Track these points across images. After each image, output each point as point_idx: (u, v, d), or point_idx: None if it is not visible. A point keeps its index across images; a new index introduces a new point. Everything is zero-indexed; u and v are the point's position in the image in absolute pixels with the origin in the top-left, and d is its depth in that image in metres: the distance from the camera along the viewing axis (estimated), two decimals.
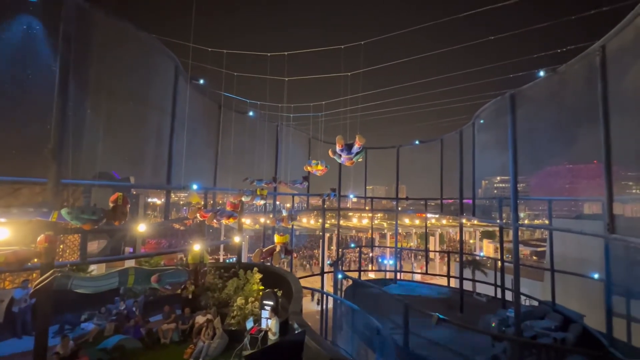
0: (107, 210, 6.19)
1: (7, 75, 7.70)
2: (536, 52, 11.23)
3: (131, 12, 31.99)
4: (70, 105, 7.19)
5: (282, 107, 15.19)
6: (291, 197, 20.51)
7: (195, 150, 13.30)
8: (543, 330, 12.21)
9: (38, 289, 5.61)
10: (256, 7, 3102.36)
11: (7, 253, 5.61)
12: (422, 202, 22.21)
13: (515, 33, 10.76)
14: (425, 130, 66.56)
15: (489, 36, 10.72)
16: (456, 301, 16.73)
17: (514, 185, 11.79)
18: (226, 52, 10.29)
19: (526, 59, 12.53)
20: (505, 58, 13.86)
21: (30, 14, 8.01)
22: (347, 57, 10.77)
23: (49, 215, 6.02)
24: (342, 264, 22.84)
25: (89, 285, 6.11)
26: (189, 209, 9.63)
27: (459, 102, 17.03)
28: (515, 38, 42.87)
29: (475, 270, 26.30)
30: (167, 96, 11.41)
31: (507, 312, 13.87)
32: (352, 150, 7.01)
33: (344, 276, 18.02)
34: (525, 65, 12.36)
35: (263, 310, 8.79)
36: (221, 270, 11.49)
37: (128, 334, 8.84)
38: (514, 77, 12.48)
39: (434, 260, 48.79)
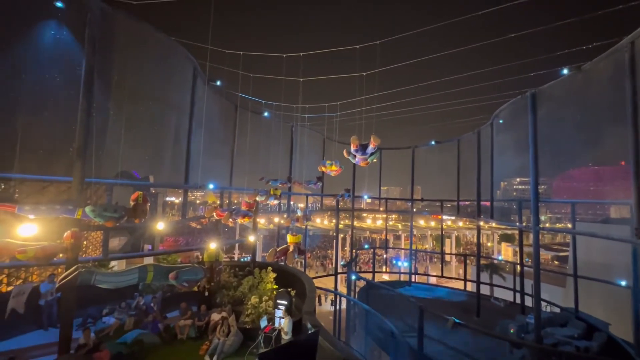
0: (128, 209, 6.41)
1: (36, 79, 8.08)
2: (559, 50, 10.81)
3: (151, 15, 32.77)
4: (94, 106, 7.48)
5: (297, 107, 15.27)
6: (305, 197, 20.58)
7: (212, 150, 13.56)
8: (565, 338, 11.76)
9: (63, 283, 5.85)
10: (272, 9, 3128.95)
11: (36, 248, 5.88)
12: (437, 204, 21.83)
13: (537, 30, 10.42)
14: (441, 130, 65.35)
15: (508, 34, 10.42)
16: (473, 305, 16.34)
17: (535, 187, 11.42)
18: (243, 53, 10.44)
19: (548, 57, 12.12)
20: (525, 56, 13.49)
21: (57, 19, 8.38)
22: (363, 57, 10.72)
23: (74, 212, 6.28)
24: (355, 265, 22.72)
25: (110, 280, 6.33)
26: (205, 207, 9.83)
27: (476, 101, 16.64)
28: (536, 35, 41.41)
29: (493, 274, 25.61)
30: (186, 97, 11.69)
31: (526, 318, 13.43)
32: (367, 151, 6.96)
33: (357, 277, 17.92)
34: (546, 63, 11.96)
35: (277, 310, 8.86)
36: (236, 268, 11.66)
37: (146, 329, 9.09)
38: (535, 75, 12.09)
39: (450, 263, 47.87)
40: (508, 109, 14.30)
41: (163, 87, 10.72)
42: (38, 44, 8.09)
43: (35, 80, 8.08)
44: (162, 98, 10.77)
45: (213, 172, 13.52)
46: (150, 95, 10.41)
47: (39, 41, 8.17)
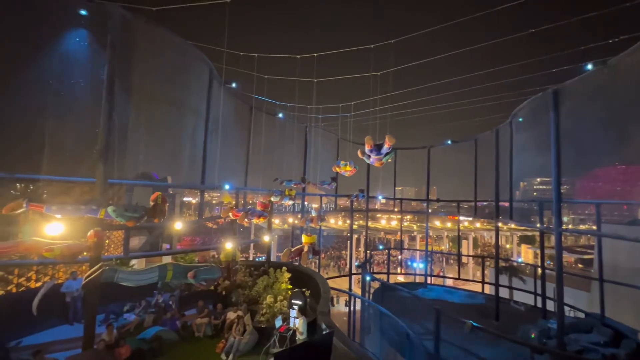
0: (147, 209, 6.59)
1: (62, 83, 8.44)
2: (582, 44, 10.39)
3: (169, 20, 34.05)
4: (115, 109, 7.74)
5: (311, 108, 15.32)
6: (319, 198, 20.61)
7: (228, 151, 13.78)
8: (590, 344, 11.28)
9: (88, 280, 6.07)
10: (287, 11, 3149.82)
11: (62, 247, 6.13)
12: (454, 204, 21.41)
13: (558, 25, 10.05)
14: (458, 129, 64.22)
15: (528, 29, 10.10)
16: (491, 309, 15.91)
17: (557, 187, 11.02)
18: (257, 55, 10.57)
19: (570, 53, 11.67)
20: (546, 52, 13.04)
21: (81, 26, 8.73)
22: (377, 56, 10.65)
23: (97, 212, 6.51)
24: (370, 265, 22.56)
25: (132, 278, 6.52)
26: (221, 208, 9.99)
27: (494, 100, 16.23)
28: (558, 30, 39.48)
29: (512, 276, 24.88)
30: (202, 99, 11.93)
31: (548, 322, 12.98)
32: (382, 151, 6.90)
33: (372, 278, 17.80)
34: (569, 59, 11.52)
35: (291, 310, 8.91)
36: (251, 268, 11.79)
37: (165, 326, 9.31)
38: (557, 71, 11.68)
39: (467, 265, 46.82)
40: (528, 106, 13.87)
41: (180, 90, 11.00)
42: (63, 51, 8.45)
43: (61, 86, 8.45)
44: (179, 100, 11.04)
45: (228, 173, 13.74)
46: (168, 98, 10.69)
47: (64, 48, 8.54)
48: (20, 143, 8.23)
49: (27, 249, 6.15)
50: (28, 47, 8.19)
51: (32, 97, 8.22)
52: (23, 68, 8.08)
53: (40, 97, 8.26)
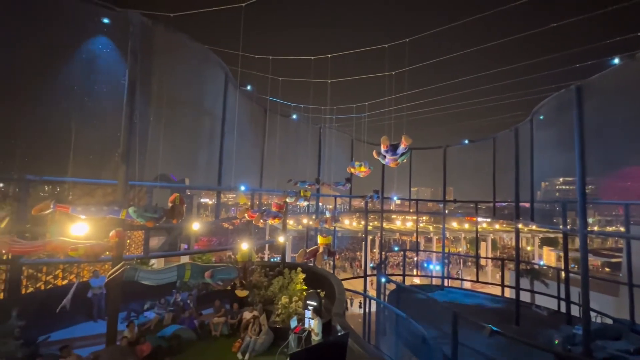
0: (166, 210, 6.76)
1: (86, 90, 8.80)
2: (608, 38, 9.94)
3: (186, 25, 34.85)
4: (136, 113, 8.00)
5: (325, 109, 15.34)
6: (333, 199, 20.58)
7: (243, 153, 13.98)
8: (619, 352, 10.75)
9: (111, 279, 6.29)
10: (301, 12, 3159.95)
11: (86, 246, 6.37)
12: (472, 205, 20.93)
13: (582, 19, 9.66)
14: (475, 129, 62.68)
15: (550, 24, 9.75)
16: (511, 313, 15.44)
17: (582, 187, 10.59)
18: (272, 58, 10.67)
19: (595, 47, 11.20)
20: (569, 47, 12.51)
21: (104, 34, 9.09)
22: (392, 56, 10.55)
23: (119, 213, 6.73)
24: (385, 267, 22.34)
25: (152, 277, 6.70)
26: (237, 209, 10.14)
27: (513, 97, 15.78)
28: (582, 24, 37.66)
29: (534, 280, 24.04)
30: (218, 102, 12.16)
31: (573, 328, 12.46)
32: (397, 151, 6.82)
33: (387, 280, 17.61)
34: (594, 53, 11.06)
35: (306, 310, 8.92)
36: (266, 268, 11.88)
37: (183, 325, 9.52)
38: (581, 67, 11.23)
39: (486, 268, 45.62)
40: (550, 104, 13.41)
41: (197, 94, 11.26)
42: (87, 58, 8.81)
43: (85, 91, 8.81)
44: (196, 104, 11.31)
45: (244, 174, 13.94)
46: (185, 102, 10.97)
47: (88, 55, 8.90)
48: (47, 147, 8.64)
49: (54, 248, 6.42)
50: (55, 55, 8.59)
51: (58, 103, 8.62)
52: (50, 75, 8.49)
53: (66, 103, 8.65)
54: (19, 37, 8.28)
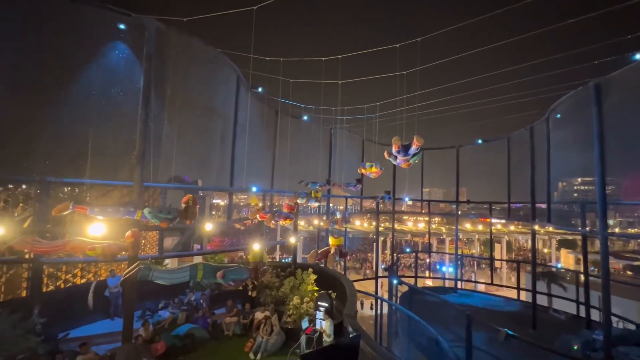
0: (180, 210, 6.88)
1: (104, 94, 9.07)
2: (628, 33, 9.58)
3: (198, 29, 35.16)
4: (151, 117, 8.18)
5: (336, 110, 15.33)
6: (344, 200, 20.54)
7: (255, 154, 14.12)
8: None
9: (126, 278, 6.44)
10: (312, 14, 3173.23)
11: (104, 246, 6.54)
12: (485, 206, 20.53)
13: (600, 13, 9.34)
14: (489, 128, 61.55)
15: (567, 20, 9.47)
16: (527, 316, 15.05)
17: (602, 187, 10.25)
18: (283, 60, 10.73)
19: (614, 42, 10.82)
20: (587, 43, 12.08)
21: (120, 40, 9.35)
22: (403, 55, 10.45)
23: (134, 214, 6.89)
24: (397, 269, 22.12)
25: (166, 277, 6.82)
26: (248, 210, 10.24)
27: (529, 96, 15.41)
28: (601, 19, 36.52)
29: (551, 283, 23.39)
30: (230, 105, 12.33)
31: (593, 333, 12.05)
32: (409, 152, 6.76)
33: (399, 282, 17.43)
34: (613, 49, 10.69)
35: (318, 311, 8.92)
36: (278, 269, 11.94)
37: (197, 324, 9.66)
38: (599, 63, 10.87)
39: (500, 270, 44.61)
40: (567, 102, 13.05)
41: (210, 96, 11.45)
42: (104, 63, 9.07)
43: (103, 96, 9.07)
44: (209, 106, 11.50)
45: (255, 176, 14.06)
46: (198, 105, 11.17)
47: (105, 61, 9.17)
48: (67, 150, 8.93)
49: (74, 248, 6.62)
50: (75, 61, 8.89)
51: (78, 108, 8.90)
52: (70, 81, 8.78)
53: (85, 107, 8.93)
54: (41, 44, 8.61)
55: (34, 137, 8.80)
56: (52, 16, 8.54)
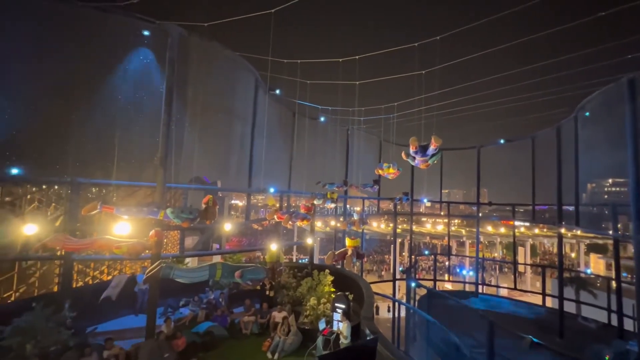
0: (200, 211, 7.06)
1: (129, 99, 9.46)
2: None
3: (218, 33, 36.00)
4: (173, 119, 8.45)
5: (353, 110, 15.28)
6: (361, 201, 20.42)
7: (272, 155, 14.30)
8: None
9: (149, 276, 6.67)
10: (329, 15, 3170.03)
11: (129, 244, 6.81)
12: (508, 208, 19.85)
13: (637, 4, 8.82)
14: (511, 127, 59.25)
15: (597, 13, 9.01)
16: (554, 324, 14.42)
17: (636, 188, 9.69)
18: (300, 62, 10.81)
19: None
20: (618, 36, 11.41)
21: (144, 46, 9.73)
22: (422, 54, 10.27)
23: (157, 213, 7.13)
24: (415, 271, 21.77)
25: (186, 275, 7.02)
26: (266, 210, 10.38)
27: (554, 93, 14.79)
28: (634, 9, 34.10)
29: (579, 289, 22.31)
30: (248, 107, 12.55)
31: (627, 344, 11.39)
32: (427, 152, 6.63)
33: (417, 285, 17.13)
34: None
35: (335, 313, 8.90)
36: (295, 269, 12.01)
37: (216, 322, 9.86)
38: (633, 57, 10.28)
39: (524, 275, 42.95)
40: (597, 99, 12.44)
41: (229, 99, 11.71)
42: (130, 69, 9.46)
43: (128, 100, 9.47)
44: (228, 109, 11.76)
45: (273, 177, 14.22)
46: (218, 107, 11.45)
47: (130, 66, 9.56)
48: (95, 152, 9.38)
49: (101, 246, 6.92)
50: (102, 67, 9.33)
51: (104, 112, 9.34)
52: (99, 86, 9.22)
53: (111, 112, 9.35)
54: (72, 53, 9.10)
55: (66, 141, 9.31)
56: (83, 26, 9.00)
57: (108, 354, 7.34)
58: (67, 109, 9.38)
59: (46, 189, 14.32)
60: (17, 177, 8.96)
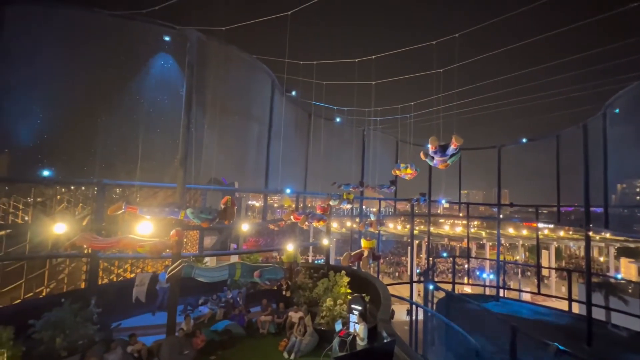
0: (219, 211, 7.20)
1: (151, 102, 9.79)
2: None
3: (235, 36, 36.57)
4: (192, 122, 8.68)
5: (369, 111, 15.18)
6: (377, 202, 20.23)
7: (288, 156, 14.41)
8: None
9: (171, 275, 6.84)
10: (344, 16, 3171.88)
11: (151, 244, 7.03)
12: (531, 210, 19.16)
13: None
14: (533, 126, 56.98)
15: (628, 4, 8.55)
16: (581, 331, 13.77)
17: None
18: (316, 63, 10.85)
19: None
20: None
21: (165, 51, 10.05)
22: (440, 52, 10.07)
23: (178, 214, 7.32)
24: (433, 274, 21.35)
25: (207, 275, 7.14)
26: (282, 211, 10.47)
27: (580, 90, 14.17)
28: None
29: (609, 295, 21.22)
30: (265, 109, 12.72)
31: None
32: (447, 152, 6.49)
33: (435, 287, 16.79)
34: None
35: (351, 314, 8.85)
36: (311, 270, 12.04)
37: (234, 321, 10.02)
38: None
39: (549, 279, 41.31)
40: (627, 95, 11.83)
41: (246, 101, 11.93)
42: (151, 73, 9.79)
43: (150, 103, 9.80)
44: (245, 111, 11.97)
45: (289, 177, 14.33)
46: (236, 110, 11.67)
47: (152, 71, 9.90)
48: (120, 154, 9.77)
49: (125, 245, 7.18)
50: (126, 72, 9.70)
51: (128, 116, 9.71)
52: (123, 91, 9.60)
53: (135, 115, 9.71)
54: (98, 60, 9.53)
55: (93, 144, 9.74)
56: (108, 33, 9.41)
57: (132, 349, 7.60)
58: (93, 114, 9.82)
59: (74, 189, 15.00)
60: (48, 179, 9.44)
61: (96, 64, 9.65)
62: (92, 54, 9.54)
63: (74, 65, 9.41)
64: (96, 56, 9.58)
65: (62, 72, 9.31)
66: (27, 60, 9.01)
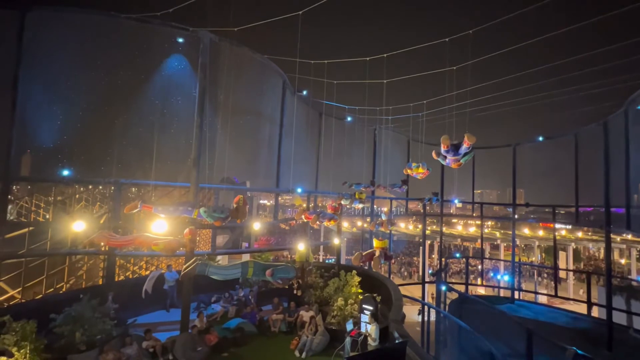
0: (231, 210, 7.29)
1: (165, 103, 9.99)
2: None
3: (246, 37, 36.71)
4: (205, 122, 8.82)
5: (380, 110, 15.06)
6: (389, 201, 20.08)
7: (299, 156, 14.46)
8: None
9: (186, 272, 6.99)
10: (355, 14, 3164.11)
11: (166, 242, 7.19)
12: (547, 210, 18.65)
13: None
14: (550, 124, 55.33)
15: None
16: (601, 335, 13.33)
17: None
18: (327, 62, 10.83)
19: None
20: None
21: (178, 52, 10.24)
22: (453, 50, 9.89)
23: (191, 212, 7.45)
24: (445, 274, 21.05)
25: (220, 273, 7.28)
26: (293, 210, 10.52)
27: (600, 86, 13.71)
28: None
29: (631, 299, 20.46)
30: (276, 109, 12.80)
31: None
32: (460, 151, 6.40)
33: (448, 288, 16.55)
34: None
35: (362, 314, 8.82)
36: (322, 269, 12.05)
37: (246, 319, 10.12)
38: None
39: (566, 281, 40.14)
40: None
41: (258, 101, 12.04)
42: (166, 75, 9.99)
43: (164, 105, 10.01)
44: (257, 111, 12.08)
45: (300, 177, 14.38)
46: (248, 110, 11.80)
47: (166, 72, 10.10)
48: (135, 154, 10.01)
49: (141, 243, 7.36)
50: (141, 74, 9.94)
51: (143, 117, 9.95)
52: (138, 92, 9.84)
53: (149, 116, 9.93)
54: (114, 62, 9.79)
55: (110, 144, 10.03)
56: (124, 36, 9.65)
57: (147, 345, 7.79)
58: (110, 115, 10.10)
59: (92, 189, 15.46)
60: (67, 178, 9.75)
61: (113, 66, 9.93)
62: (109, 57, 9.81)
63: (92, 68, 9.70)
64: (113, 59, 9.85)
65: (80, 75, 9.61)
66: (47, 64, 9.32)
